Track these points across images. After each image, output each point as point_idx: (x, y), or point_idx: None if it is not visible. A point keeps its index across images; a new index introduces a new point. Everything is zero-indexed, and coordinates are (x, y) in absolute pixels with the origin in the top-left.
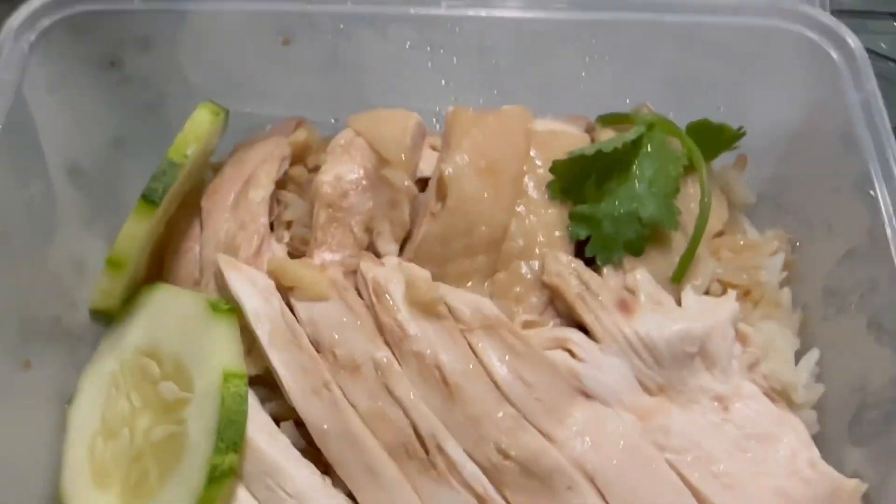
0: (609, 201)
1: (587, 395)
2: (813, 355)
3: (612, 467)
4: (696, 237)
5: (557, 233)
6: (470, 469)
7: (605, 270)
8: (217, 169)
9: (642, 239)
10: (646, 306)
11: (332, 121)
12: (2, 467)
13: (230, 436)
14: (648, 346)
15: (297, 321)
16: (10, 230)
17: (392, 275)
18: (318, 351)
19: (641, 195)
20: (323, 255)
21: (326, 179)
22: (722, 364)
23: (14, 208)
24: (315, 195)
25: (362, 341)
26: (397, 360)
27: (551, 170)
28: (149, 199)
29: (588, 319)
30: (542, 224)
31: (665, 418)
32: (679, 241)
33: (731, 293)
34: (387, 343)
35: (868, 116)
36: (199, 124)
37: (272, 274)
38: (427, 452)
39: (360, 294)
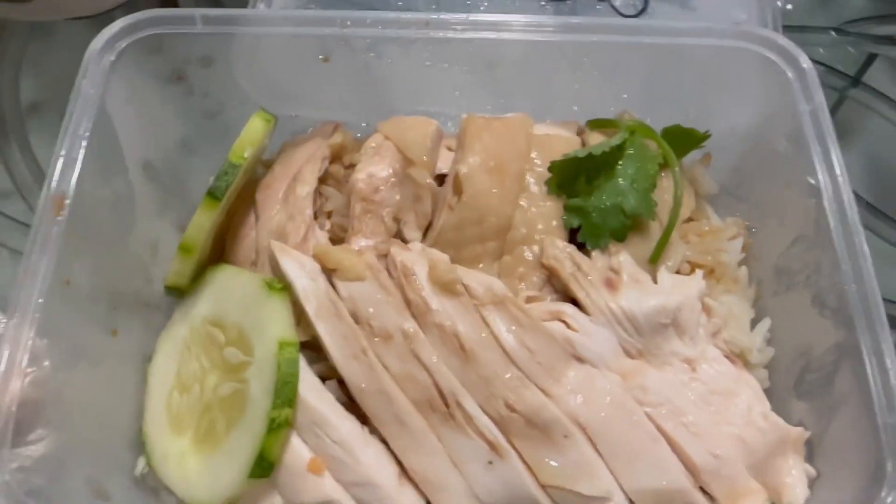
0: (597, 195)
1: (579, 359)
2: (765, 324)
3: (600, 419)
4: (670, 225)
5: (554, 222)
6: (483, 421)
7: (593, 254)
8: (268, 165)
9: (625, 227)
10: (627, 284)
11: (364, 125)
12: (96, 414)
13: (285, 393)
14: (629, 317)
15: (339, 298)
16: (99, 219)
17: (417, 258)
18: (356, 322)
19: (625, 190)
20: (359, 242)
21: (361, 177)
22: (691, 332)
23: (101, 201)
24: (351, 190)
25: (393, 314)
26: (422, 330)
27: (549, 169)
28: (213, 196)
29: (580, 295)
30: (541, 215)
31: (643, 378)
32: (655, 229)
33: (698, 272)
34: (413, 316)
35: (816, 124)
36: (254, 131)
37: (317, 258)
38: (447, 406)
39: (390, 274)
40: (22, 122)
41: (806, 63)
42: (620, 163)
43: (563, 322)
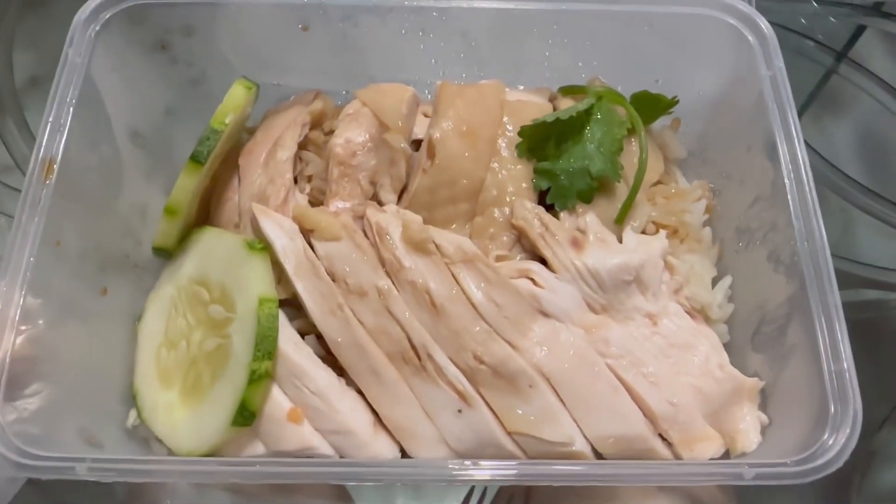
0: (565, 159)
1: (545, 314)
2: (726, 281)
3: (564, 370)
4: (635, 187)
5: (524, 184)
6: (452, 371)
7: (561, 215)
8: (251, 132)
9: (591, 189)
10: (593, 244)
11: (344, 92)
12: (87, 370)
13: (265, 347)
14: (594, 274)
15: (317, 257)
16: (87, 184)
17: (391, 219)
18: (333, 280)
19: (591, 154)
20: (336, 204)
21: (338, 142)
22: (653, 289)
23: (89, 166)
24: (329, 155)
25: (368, 272)
26: (395, 287)
27: (519, 133)
28: (196, 160)
29: (547, 254)
30: (511, 177)
31: (606, 331)
32: (622, 191)
33: (662, 232)
34: (387, 274)
35: (776, 89)
36: (235, 97)
37: (296, 219)
38: (419, 359)
39: (366, 235)
40: (16, 97)
41: (767, 28)
42: (588, 127)
43: (531, 279)
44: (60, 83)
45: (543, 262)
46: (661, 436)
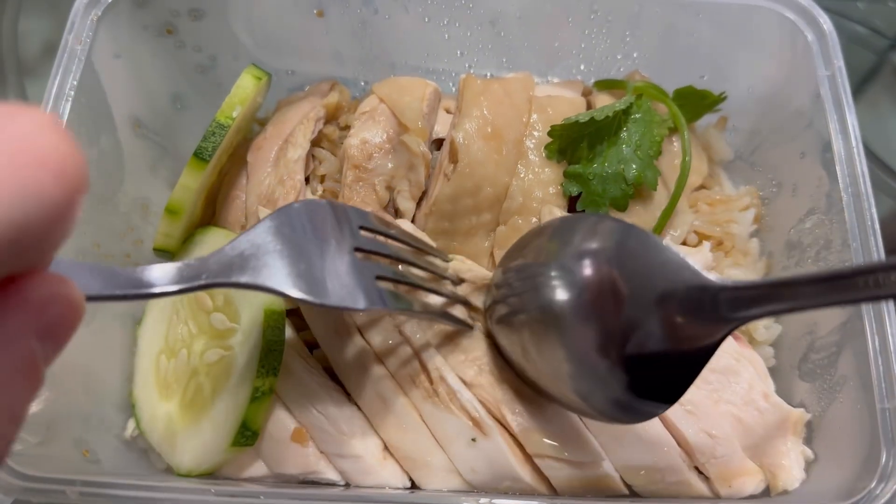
0: (599, 162)
1: None
2: None
3: None
4: (676, 193)
5: (552, 189)
6: (467, 396)
7: None
8: (263, 123)
9: (626, 196)
10: None
11: (363, 83)
12: (84, 376)
13: (270, 363)
14: None
15: None
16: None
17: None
18: None
19: (628, 157)
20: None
21: (354, 143)
22: None
23: (87, 160)
24: (344, 156)
25: None
26: None
27: (549, 133)
28: (200, 157)
29: None
30: (538, 182)
31: None
32: (661, 196)
33: (706, 244)
34: None
35: (834, 91)
36: (244, 88)
37: None
38: (431, 382)
39: None
40: (19, 74)
41: (827, 25)
42: (625, 128)
43: None
44: (59, 72)
45: None
46: (697, 469)
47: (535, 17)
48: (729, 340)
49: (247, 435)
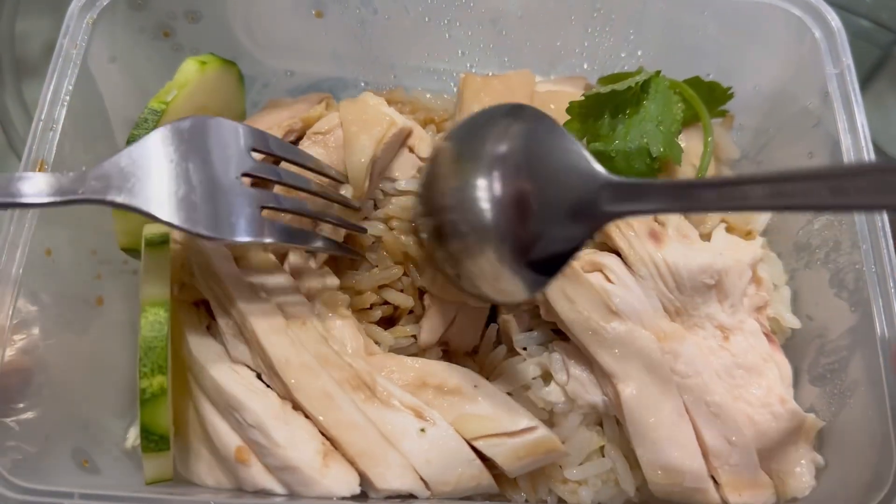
0: (621, 138)
1: (615, 313)
2: (785, 291)
3: (634, 381)
4: (703, 167)
5: None
6: (401, 392)
7: None
8: None
9: (652, 171)
10: (673, 237)
11: (363, 84)
12: (83, 386)
13: (151, 360)
14: (673, 273)
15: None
16: None
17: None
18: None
19: (651, 132)
20: None
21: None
22: (733, 299)
23: (84, 167)
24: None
25: (305, 306)
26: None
27: (568, 111)
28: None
29: (622, 245)
30: None
31: (678, 344)
32: (686, 171)
33: (759, 239)
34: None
35: (843, 89)
36: (183, 73)
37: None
38: (368, 386)
39: None
40: (16, 75)
41: (835, 22)
42: (645, 104)
43: (603, 274)
44: (54, 76)
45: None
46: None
47: (537, 16)
48: (762, 340)
49: (153, 440)
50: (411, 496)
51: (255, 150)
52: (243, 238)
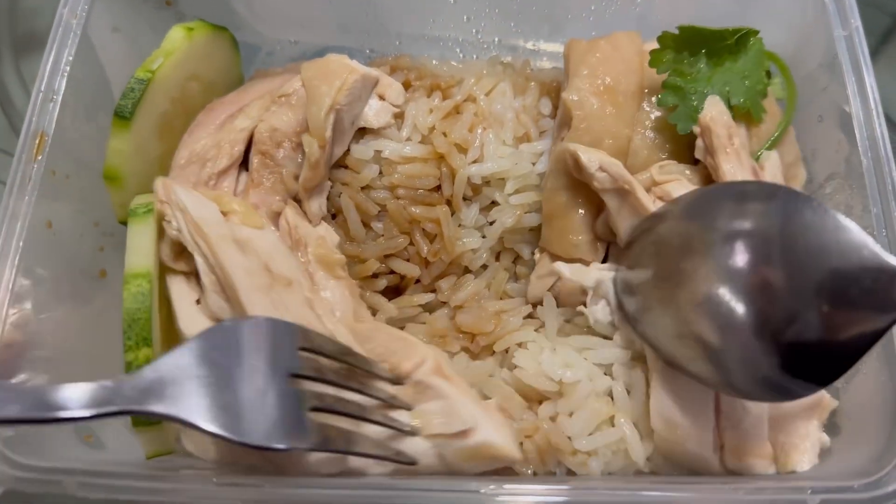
0: (703, 80)
1: None
2: None
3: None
4: (787, 119)
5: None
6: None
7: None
8: None
9: None
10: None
11: (367, 51)
12: (86, 359)
13: (136, 332)
14: None
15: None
16: (84, 157)
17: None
18: None
19: (735, 83)
20: (256, 197)
21: (263, 129)
22: None
23: (84, 137)
24: (254, 140)
25: (292, 263)
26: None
27: (659, 39)
28: (120, 115)
29: (726, 167)
30: (660, 135)
31: None
32: (753, 136)
33: None
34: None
35: (851, 53)
36: (170, 41)
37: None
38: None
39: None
40: (14, 52)
41: None
42: (738, 55)
43: None
44: (54, 47)
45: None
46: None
47: None
48: None
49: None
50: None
51: (303, 349)
52: (287, 445)
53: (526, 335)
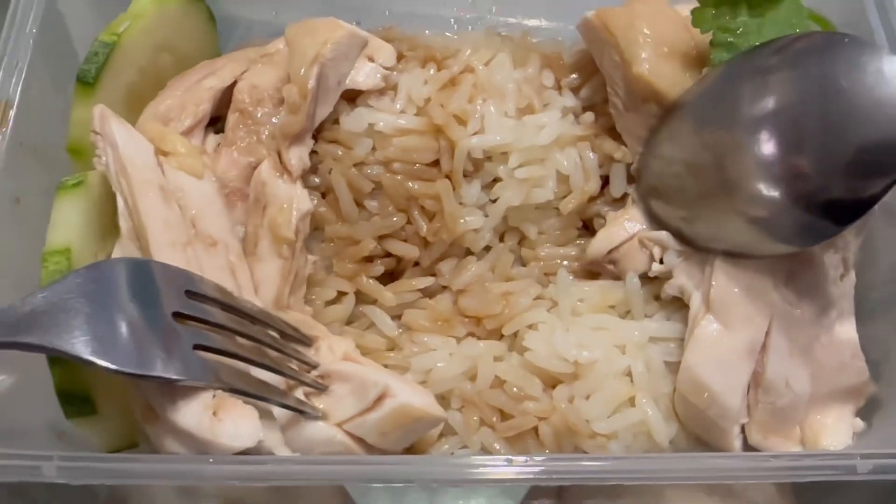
0: (752, 33)
1: None
2: None
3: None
4: None
5: None
6: None
7: None
8: None
9: None
10: None
11: (355, 23)
12: None
13: None
14: None
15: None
16: (51, 131)
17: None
18: None
19: (787, 31)
20: (230, 155)
21: (243, 86)
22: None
23: (52, 110)
24: (233, 98)
25: (224, 223)
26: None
27: None
28: (83, 81)
29: None
30: None
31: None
32: None
33: None
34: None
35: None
36: (139, 3)
37: (153, 139)
38: None
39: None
40: None
41: None
42: (787, 16)
43: None
44: (18, 10)
45: None
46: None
47: None
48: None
49: (75, 403)
50: None
51: (191, 293)
52: (169, 375)
53: (537, 315)
